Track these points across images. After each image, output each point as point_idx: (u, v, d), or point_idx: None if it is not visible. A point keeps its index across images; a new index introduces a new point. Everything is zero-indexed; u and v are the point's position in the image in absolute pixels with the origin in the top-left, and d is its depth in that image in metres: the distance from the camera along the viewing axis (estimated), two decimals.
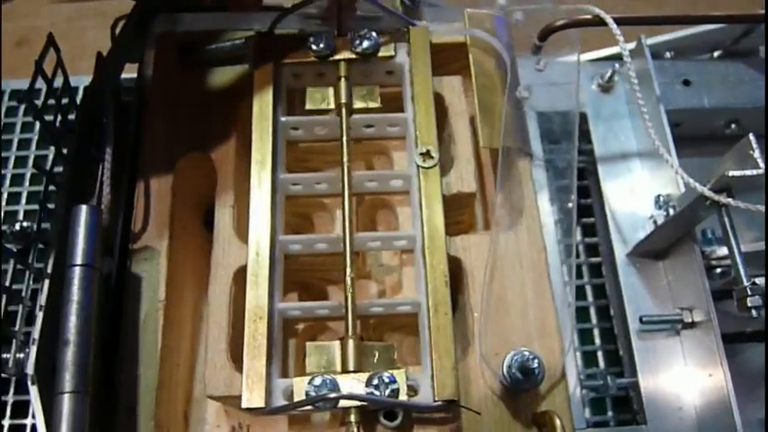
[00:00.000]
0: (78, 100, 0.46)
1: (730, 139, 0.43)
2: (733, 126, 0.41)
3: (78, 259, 0.25)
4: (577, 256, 0.43)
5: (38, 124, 0.31)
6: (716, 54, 0.42)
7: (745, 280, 0.28)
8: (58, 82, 0.33)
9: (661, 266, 0.36)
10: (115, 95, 0.35)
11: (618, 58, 0.41)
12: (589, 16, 0.33)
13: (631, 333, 0.34)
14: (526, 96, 0.31)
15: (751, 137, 0.28)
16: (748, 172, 0.27)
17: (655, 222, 0.35)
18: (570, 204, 0.42)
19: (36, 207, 0.41)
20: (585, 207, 0.43)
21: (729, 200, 0.28)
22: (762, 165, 0.27)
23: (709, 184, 0.28)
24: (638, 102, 0.32)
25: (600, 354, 0.41)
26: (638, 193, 0.38)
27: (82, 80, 0.48)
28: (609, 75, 0.40)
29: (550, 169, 0.41)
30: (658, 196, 0.36)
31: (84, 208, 0.26)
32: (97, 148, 0.32)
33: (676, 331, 0.34)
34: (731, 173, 0.27)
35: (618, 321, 0.38)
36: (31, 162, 0.42)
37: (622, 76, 0.40)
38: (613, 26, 0.32)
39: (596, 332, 0.41)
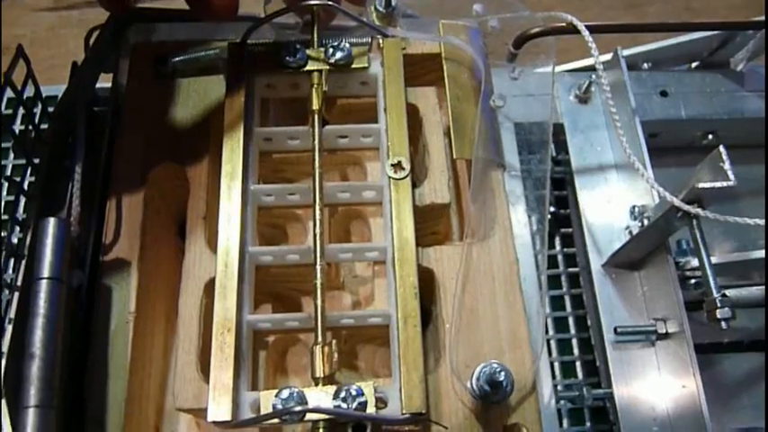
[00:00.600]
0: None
1: (707, 149, 0.43)
2: (710, 137, 0.42)
3: (45, 272, 0.25)
4: (556, 266, 0.43)
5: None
6: (693, 65, 0.42)
7: (714, 291, 0.28)
8: (30, 91, 0.33)
9: (637, 277, 0.36)
10: (89, 105, 0.34)
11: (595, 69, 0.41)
12: (564, 24, 0.33)
13: (606, 344, 0.34)
14: (500, 105, 0.31)
15: (721, 149, 0.28)
16: (718, 184, 0.27)
17: (630, 233, 0.36)
18: (548, 216, 0.43)
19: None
20: (565, 217, 0.43)
21: (699, 210, 0.28)
22: (732, 177, 0.27)
23: (681, 195, 0.28)
24: (610, 112, 0.32)
25: (578, 364, 0.41)
26: (614, 204, 0.38)
27: (61, 89, 0.48)
28: (586, 85, 0.40)
29: (528, 179, 0.41)
30: (633, 207, 0.36)
31: (51, 221, 0.25)
32: (70, 158, 0.32)
33: (651, 342, 0.34)
34: (701, 185, 0.27)
35: (594, 332, 0.38)
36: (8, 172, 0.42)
37: (599, 87, 0.40)
38: (586, 34, 0.32)
39: (574, 342, 0.41)
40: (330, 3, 0.30)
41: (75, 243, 0.28)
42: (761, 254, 0.33)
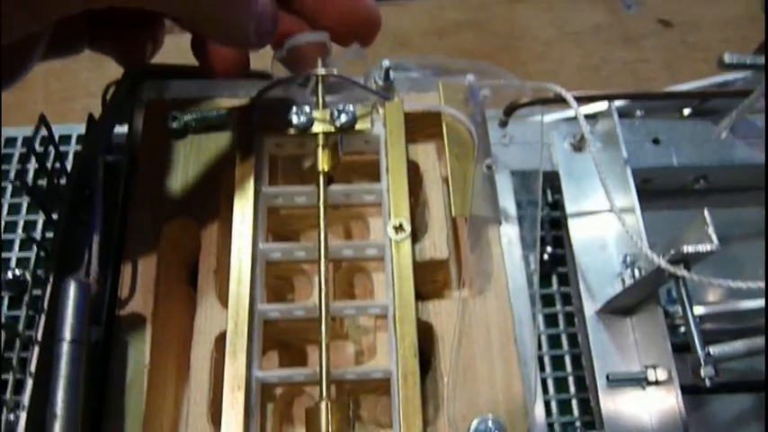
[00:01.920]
0: (69, 152, 0.48)
1: (699, 192, 0.44)
2: (702, 181, 0.43)
3: (67, 335, 0.26)
4: (553, 305, 0.44)
5: None
6: (686, 112, 0.44)
7: (699, 350, 0.30)
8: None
9: (629, 323, 0.37)
10: (105, 160, 0.36)
11: (591, 116, 0.43)
12: (551, 94, 0.35)
13: (599, 389, 0.36)
14: (490, 165, 0.33)
15: (706, 213, 0.29)
16: (702, 248, 0.29)
17: (623, 281, 0.37)
18: (545, 256, 0.44)
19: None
20: (561, 256, 0.45)
21: (685, 272, 0.29)
22: (715, 241, 0.29)
23: (667, 257, 0.30)
24: (596, 167, 0.34)
25: (574, 402, 0.42)
26: (607, 251, 0.39)
27: (74, 129, 0.50)
28: (581, 134, 0.41)
29: (525, 220, 0.42)
30: (626, 256, 0.38)
31: (72, 283, 0.27)
32: (87, 211, 0.33)
33: (642, 387, 0.36)
34: (686, 248, 0.29)
35: (588, 373, 0.39)
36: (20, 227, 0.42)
37: (594, 136, 0.41)
38: (574, 104, 0.34)
39: (571, 380, 0.43)
40: (334, 72, 0.31)
41: (93, 300, 0.30)
42: (748, 304, 0.35)
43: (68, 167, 0.40)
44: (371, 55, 0.62)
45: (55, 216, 0.34)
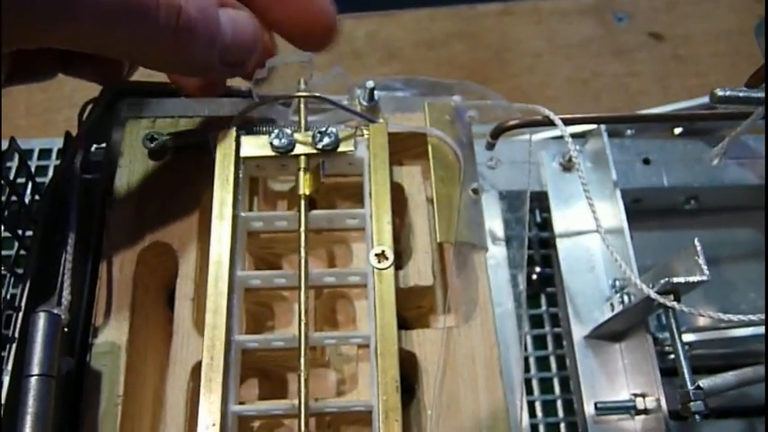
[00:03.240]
0: (49, 166, 0.47)
1: (690, 213, 0.44)
2: (692, 202, 0.42)
3: (35, 369, 0.25)
4: (541, 326, 0.44)
5: None
6: (676, 131, 0.43)
7: (689, 383, 0.29)
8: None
9: (618, 348, 0.37)
10: (82, 178, 0.35)
11: (580, 136, 0.42)
12: (539, 117, 0.34)
13: (587, 417, 0.35)
14: (477, 189, 0.32)
15: (696, 242, 0.29)
16: (692, 279, 0.28)
17: (612, 306, 0.36)
18: (534, 276, 0.43)
19: None
20: (550, 276, 0.44)
21: (675, 304, 0.29)
22: (706, 272, 0.28)
23: (657, 287, 0.29)
24: (585, 193, 0.33)
25: (563, 426, 0.41)
26: (596, 274, 0.38)
27: (55, 143, 0.49)
28: (569, 154, 0.41)
29: (513, 240, 0.41)
30: (615, 281, 0.37)
31: (42, 316, 0.26)
32: (61, 233, 0.33)
33: (630, 415, 0.35)
34: (676, 280, 0.28)
35: (577, 398, 0.39)
36: None
37: (583, 155, 0.41)
38: (563, 128, 0.33)
39: (559, 404, 0.42)
40: (317, 94, 0.31)
41: (66, 328, 0.29)
42: (739, 332, 0.34)
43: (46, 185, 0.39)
44: (361, 66, 0.61)
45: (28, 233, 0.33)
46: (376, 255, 0.30)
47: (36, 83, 0.32)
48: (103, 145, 0.36)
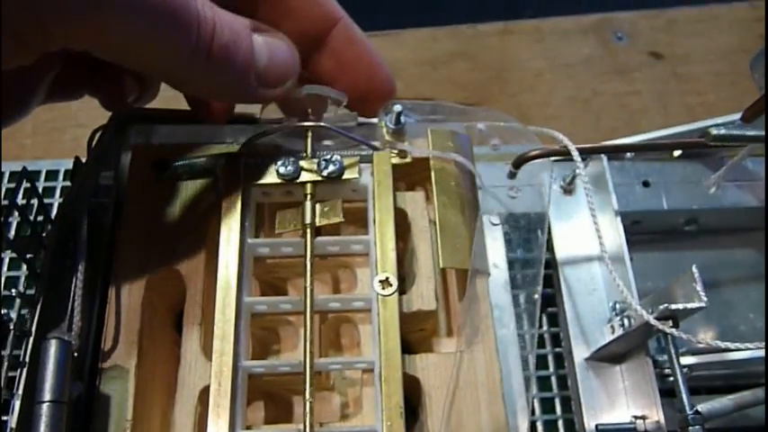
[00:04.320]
0: (56, 187, 0.48)
1: (689, 234, 0.44)
2: (692, 224, 0.43)
3: (47, 396, 0.26)
4: (543, 346, 0.44)
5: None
6: (676, 154, 0.44)
7: (687, 408, 0.29)
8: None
9: (618, 370, 0.37)
10: (90, 204, 0.36)
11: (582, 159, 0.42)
12: (558, 147, 0.35)
13: None
14: (496, 223, 0.33)
15: (694, 269, 0.29)
16: (690, 305, 0.29)
17: (612, 328, 0.37)
18: (536, 296, 0.44)
19: None
20: (551, 296, 0.45)
21: (674, 331, 0.29)
22: (704, 299, 0.29)
23: (656, 313, 0.30)
24: (592, 218, 0.33)
25: None
26: (596, 296, 0.39)
27: (62, 164, 0.50)
28: (571, 177, 0.41)
29: (515, 265, 0.42)
30: (615, 303, 0.38)
31: (53, 343, 0.27)
32: (71, 259, 0.33)
33: None
34: (674, 306, 0.29)
35: (578, 419, 0.39)
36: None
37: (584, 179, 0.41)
38: (577, 158, 0.34)
39: (561, 424, 0.42)
40: (322, 124, 0.31)
41: (76, 354, 0.29)
42: (737, 355, 0.34)
43: (55, 207, 0.39)
44: None
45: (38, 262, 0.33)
46: (380, 281, 0.30)
47: (62, 101, 0.33)
48: (112, 172, 0.36)
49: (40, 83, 0.30)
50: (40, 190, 0.47)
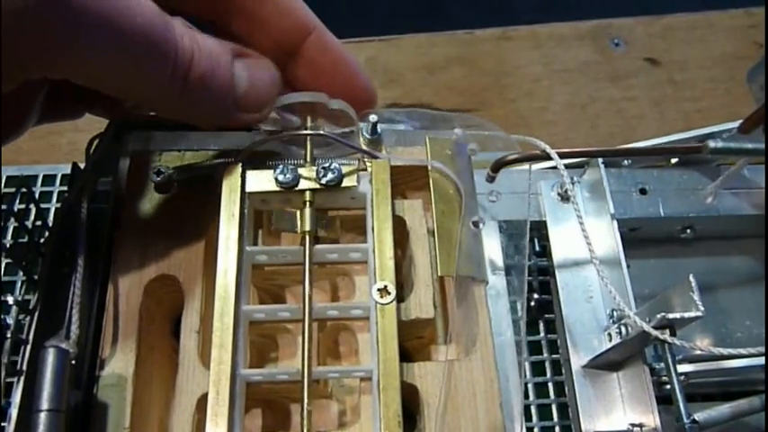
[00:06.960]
0: (53, 192, 0.48)
1: (686, 241, 0.44)
2: (688, 231, 0.43)
3: (45, 405, 0.26)
4: (540, 353, 0.44)
5: None
6: (673, 161, 0.44)
7: (684, 417, 0.29)
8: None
9: (615, 378, 0.37)
10: (89, 209, 0.35)
11: (579, 166, 0.43)
12: (538, 151, 0.35)
13: None
14: (477, 222, 0.33)
15: (691, 278, 0.29)
16: (687, 315, 0.29)
17: (609, 336, 0.37)
18: (532, 302, 0.44)
19: None
20: (548, 302, 0.45)
21: (675, 339, 0.29)
22: (701, 308, 0.29)
23: (653, 322, 0.30)
24: (580, 226, 0.33)
25: None
26: (594, 303, 0.39)
27: (59, 169, 0.49)
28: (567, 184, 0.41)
29: (512, 271, 0.42)
30: (612, 311, 0.38)
31: (51, 351, 0.27)
32: (69, 266, 0.33)
33: None
34: (671, 315, 0.29)
35: (575, 426, 0.39)
36: None
37: (581, 185, 0.42)
38: (559, 162, 0.34)
39: (558, 430, 0.42)
40: (321, 132, 0.31)
41: (73, 362, 0.29)
42: (735, 363, 0.34)
43: (52, 212, 0.39)
44: None
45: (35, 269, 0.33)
46: (378, 290, 0.30)
47: (63, 121, 0.33)
48: (110, 178, 0.36)
49: (32, 100, 0.31)
50: (37, 195, 0.47)
